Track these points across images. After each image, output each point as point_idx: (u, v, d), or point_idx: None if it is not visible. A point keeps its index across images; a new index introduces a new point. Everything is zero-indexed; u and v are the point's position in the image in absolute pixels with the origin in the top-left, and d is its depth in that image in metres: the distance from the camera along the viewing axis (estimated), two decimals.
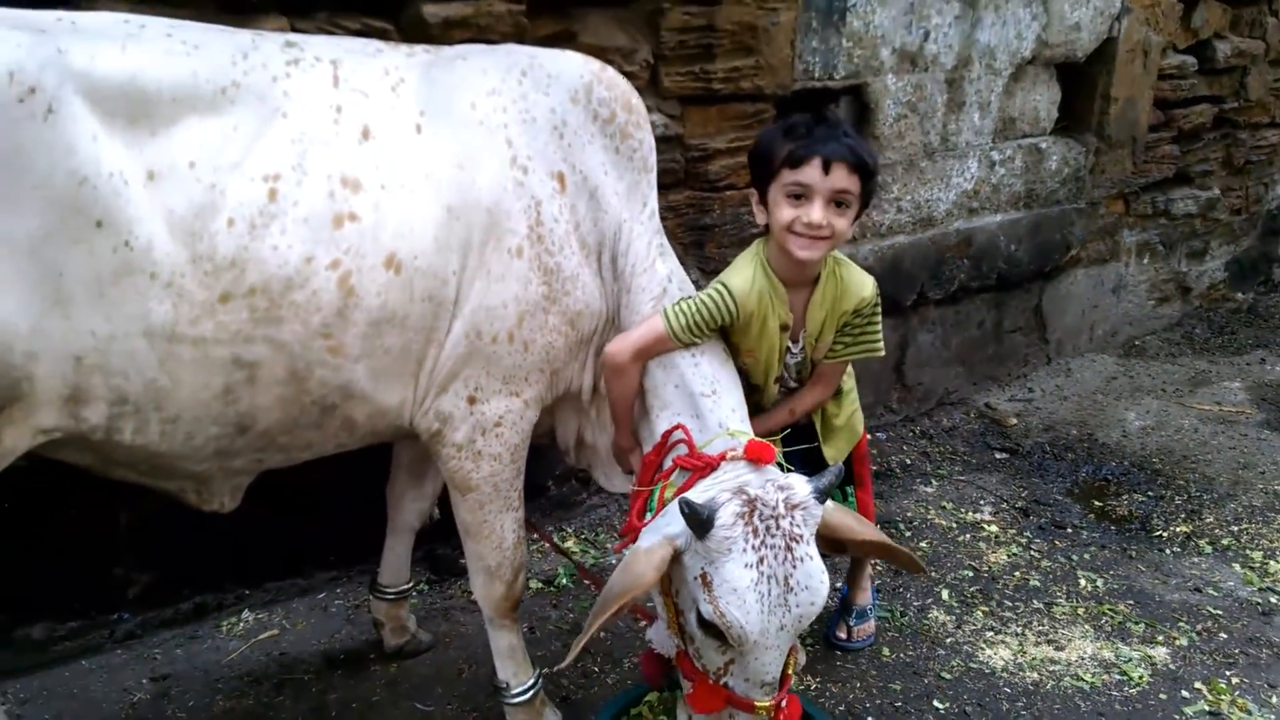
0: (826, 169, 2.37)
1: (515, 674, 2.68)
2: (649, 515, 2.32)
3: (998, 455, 4.65)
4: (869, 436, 4.66)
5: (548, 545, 3.34)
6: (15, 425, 1.90)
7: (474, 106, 2.28)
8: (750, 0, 3.67)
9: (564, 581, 3.56)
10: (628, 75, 3.48)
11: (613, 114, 2.45)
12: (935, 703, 3.01)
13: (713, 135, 3.79)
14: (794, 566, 2.03)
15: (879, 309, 2.71)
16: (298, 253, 2.03)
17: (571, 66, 2.43)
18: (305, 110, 2.08)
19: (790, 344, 2.65)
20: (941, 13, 4.29)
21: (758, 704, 2.11)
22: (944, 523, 4.04)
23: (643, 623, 3.03)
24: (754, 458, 2.23)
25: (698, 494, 2.12)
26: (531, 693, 2.68)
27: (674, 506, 2.10)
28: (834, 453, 2.93)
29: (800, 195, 2.41)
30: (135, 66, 1.92)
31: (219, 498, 2.35)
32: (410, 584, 3.11)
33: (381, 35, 2.96)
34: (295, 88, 2.08)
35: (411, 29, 3.04)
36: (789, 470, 2.27)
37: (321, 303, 2.07)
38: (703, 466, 2.27)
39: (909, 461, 4.58)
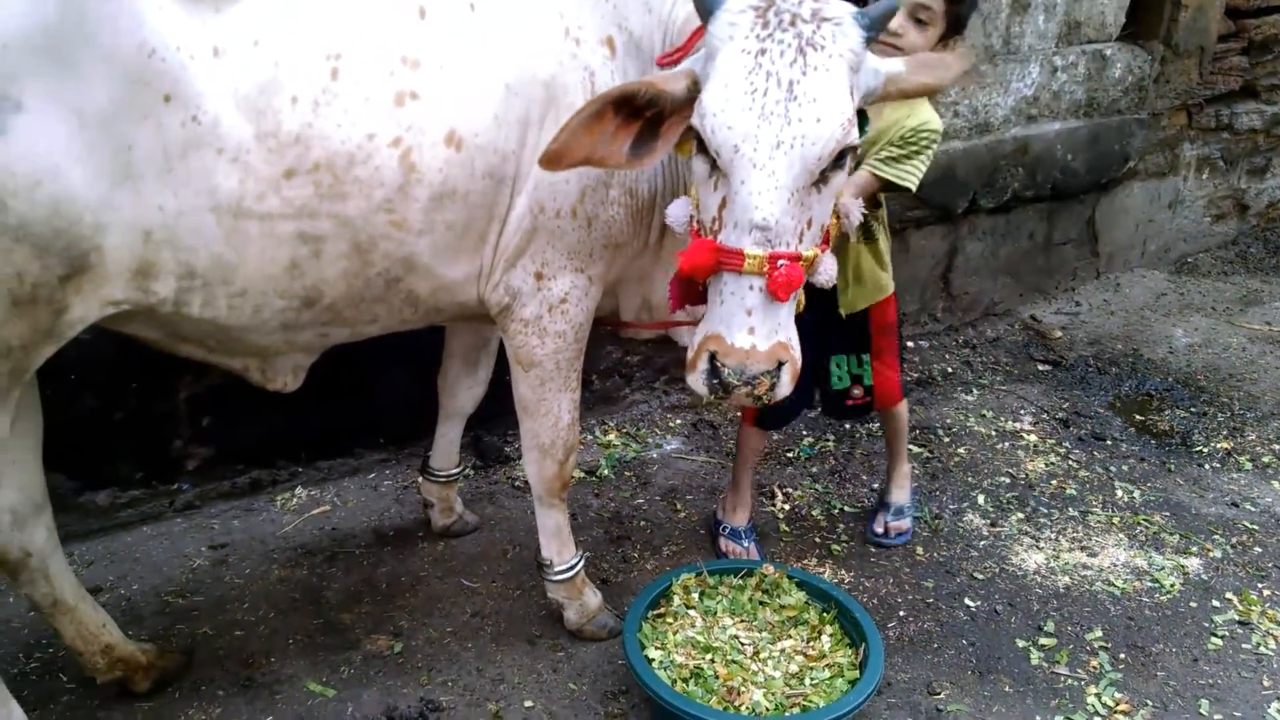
0: None
1: (559, 552, 2.76)
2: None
3: (1040, 367, 4.64)
4: (911, 344, 4.73)
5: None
6: (84, 296, 1.95)
7: None
8: None
9: (605, 472, 3.64)
10: None
11: None
12: (966, 600, 3.08)
13: None
14: (802, 72, 1.79)
15: (932, 147, 2.74)
16: (360, 129, 2.05)
17: None
18: None
19: None
20: None
21: (746, 252, 1.85)
22: (983, 430, 4.06)
23: (681, 513, 3.09)
24: None
25: None
26: (574, 571, 2.77)
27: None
28: (848, 303, 2.94)
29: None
30: None
31: (282, 376, 2.41)
32: (460, 468, 3.20)
33: None
34: None
35: None
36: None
37: (384, 178, 2.10)
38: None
39: (951, 370, 4.59)
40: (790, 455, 3.82)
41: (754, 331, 1.90)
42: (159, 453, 3.15)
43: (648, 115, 2.06)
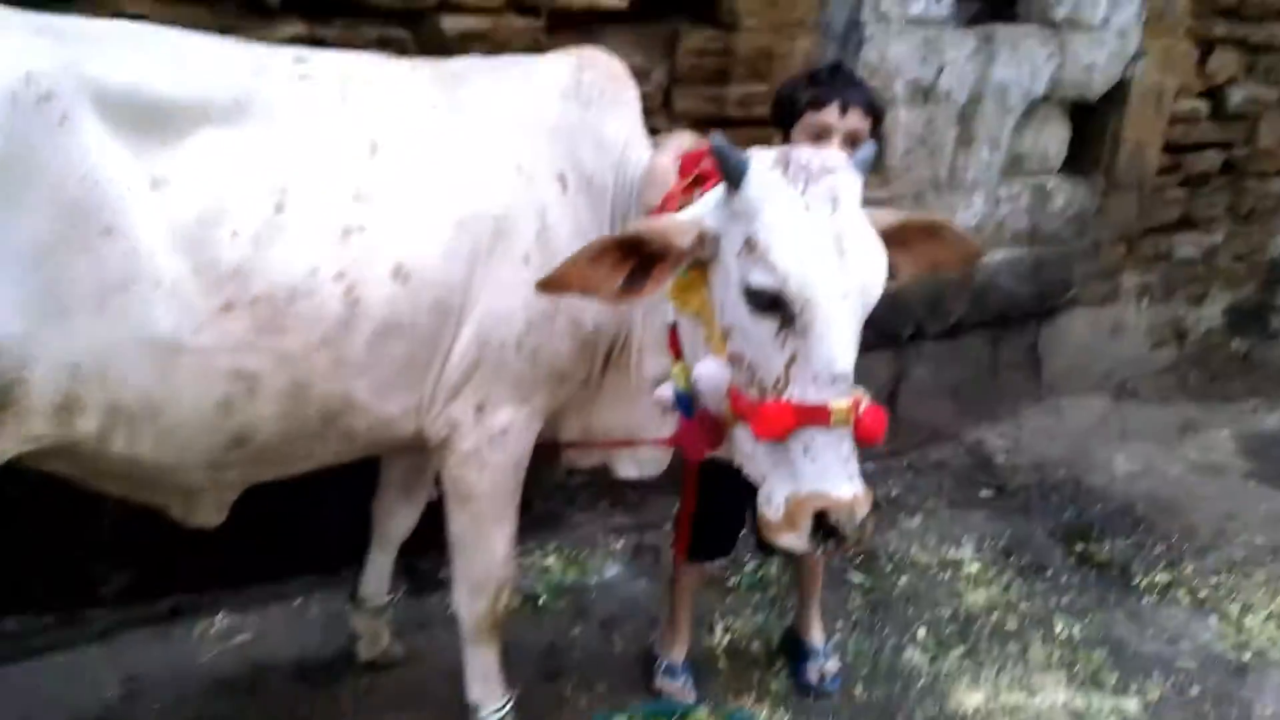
0: (844, 110, 2.59)
1: (487, 695, 2.69)
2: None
3: (983, 493, 4.66)
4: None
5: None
6: (4, 430, 1.89)
7: (479, 117, 2.30)
8: (767, 28, 3.66)
9: (543, 599, 3.56)
10: (642, 95, 3.52)
11: (601, 91, 2.48)
12: None
13: None
14: (844, 224, 1.83)
15: None
16: (303, 263, 2.04)
17: (558, 65, 2.49)
18: (316, 124, 2.09)
19: None
20: (957, 47, 4.28)
21: (832, 405, 1.80)
22: (925, 559, 4.04)
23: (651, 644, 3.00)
24: None
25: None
26: (501, 715, 2.69)
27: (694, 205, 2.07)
28: None
29: (820, 135, 2.58)
30: (148, 75, 1.93)
31: (205, 514, 2.35)
32: (391, 597, 3.11)
33: (399, 45, 2.97)
34: (305, 102, 2.10)
35: (429, 41, 3.04)
36: None
37: (326, 313, 2.08)
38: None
39: (895, 494, 4.58)
40: (731, 584, 3.77)
41: (852, 479, 1.85)
42: (76, 576, 3.03)
43: (643, 255, 2.03)
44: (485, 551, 2.53)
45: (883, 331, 4.52)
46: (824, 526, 1.85)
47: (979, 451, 5.01)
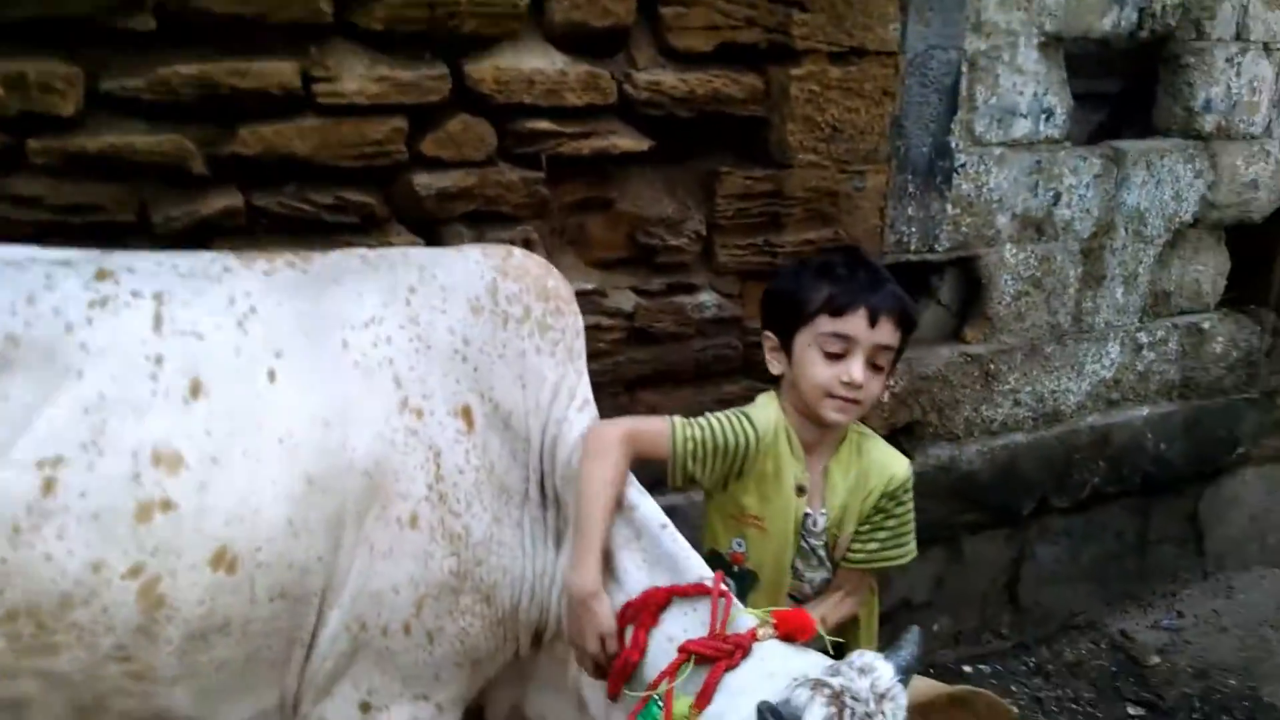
0: (873, 321, 2.00)
1: None
2: None
3: (1131, 710, 3.76)
4: (969, 669, 3.92)
5: None
6: None
7: (346, 344, 1.77)
8: (830, 163, 3.04)
9: None
10: (673, 249, 2.96)
11: (526, 310, 1.94)
12: None
13: None
14: None
15: (911, 495, 2.13)
16: (80, 559, 1.53)
17: (469, 267, 1.95)
18: (111, 366, 1.59)
19: (809, 510, 2.07)
20: (1077, 171, 3.57)
21: None
22: None
23: None
24: (791, 631, 1.76)
25: (745, 696, 1.53)
26: None
27: None
28: None
29: (839, 350, 1.99)
30: None
31: None
32: None
33: (363, 210, 2.49)
34: (100, 337, 1.60)
35: (402, 203, 2.56)
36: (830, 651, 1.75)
37: (115, 620, 1.57)
38: (731, 650, 1.69)
39: (1016, 706, 3.73)
40: None
41: None
42: None
43: None
44: None
45: (995, 508, 3.76)
46: None
47: (1126, 649, 4.10)
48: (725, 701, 1.63)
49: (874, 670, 1.56)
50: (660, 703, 1.68)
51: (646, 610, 1.82)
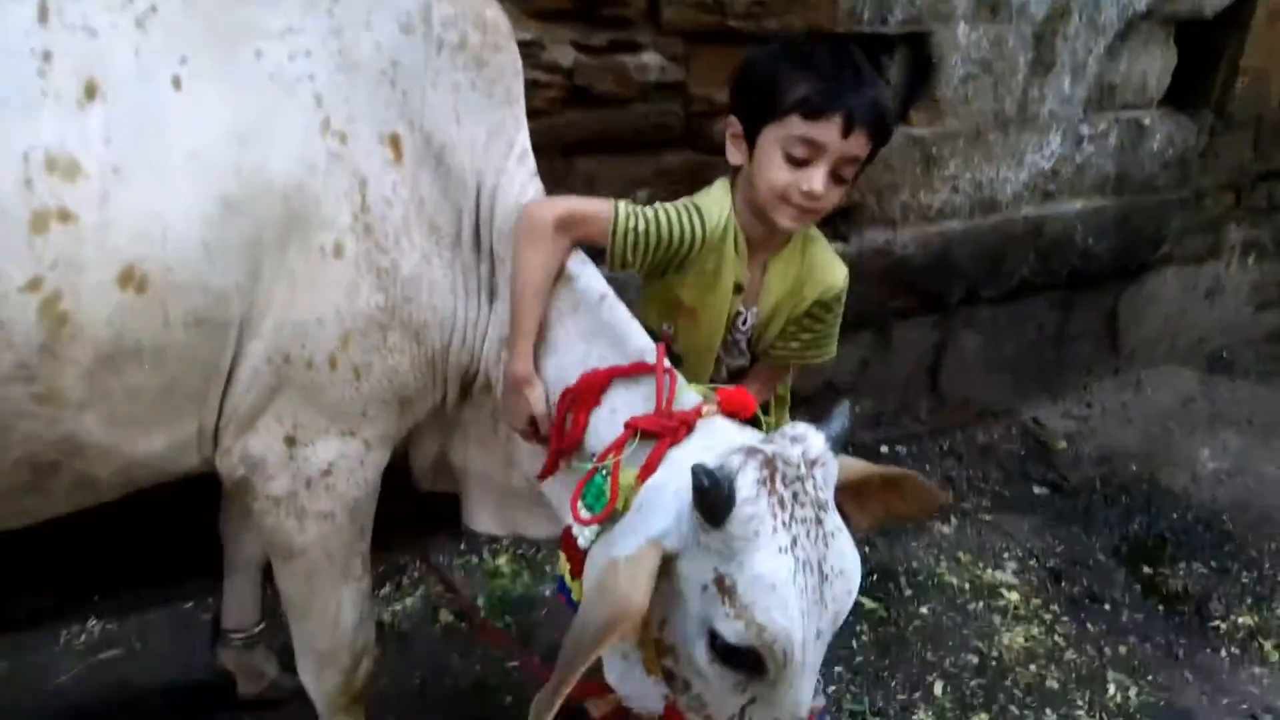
0: (847, 130, 1.83)
1: None
2: (588, 510, 1.69)
3: (1036, 489, 3.93)
4: (885, 449, 4.04)
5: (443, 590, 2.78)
6: None
7: (260, 54, 1.61)
8: None
9: (484, 612, 2.98)
10: (618, 2, 2.79)
11: (463, 38, 1.79)
12: None
13: (723, 86, 3.02)
14: (826, 545, 1.54)
15: (843, 304, 2.11)
16: None
17: None
18: None
19: (742, 309, 2.05)
20: None
21: None
22: (955, 581, 3.36)
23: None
24: (734, 409, 1.75)
25: (686, 467, 1.51)
26: None
27: (650, 495, 1.60)
28: None
29: (804, 155, 1.85)
30: None
31: None
32: (261, 624, 2.55)
33: None
34: None
35: None
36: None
37: (14, 336, 1.47)
38: (676, 427, 1.68)
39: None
40: None
41: None
42: None
43: None
44: (327, 616, 1.96)
45: (925, 294, 3.79)
46: None
47: (1036, 435, 4.26)
48: (667, 473, 1.62)
49: (805, 439, 1.56)
50: (606, 475, 1.67)
51: (588, 392, 1.79)
